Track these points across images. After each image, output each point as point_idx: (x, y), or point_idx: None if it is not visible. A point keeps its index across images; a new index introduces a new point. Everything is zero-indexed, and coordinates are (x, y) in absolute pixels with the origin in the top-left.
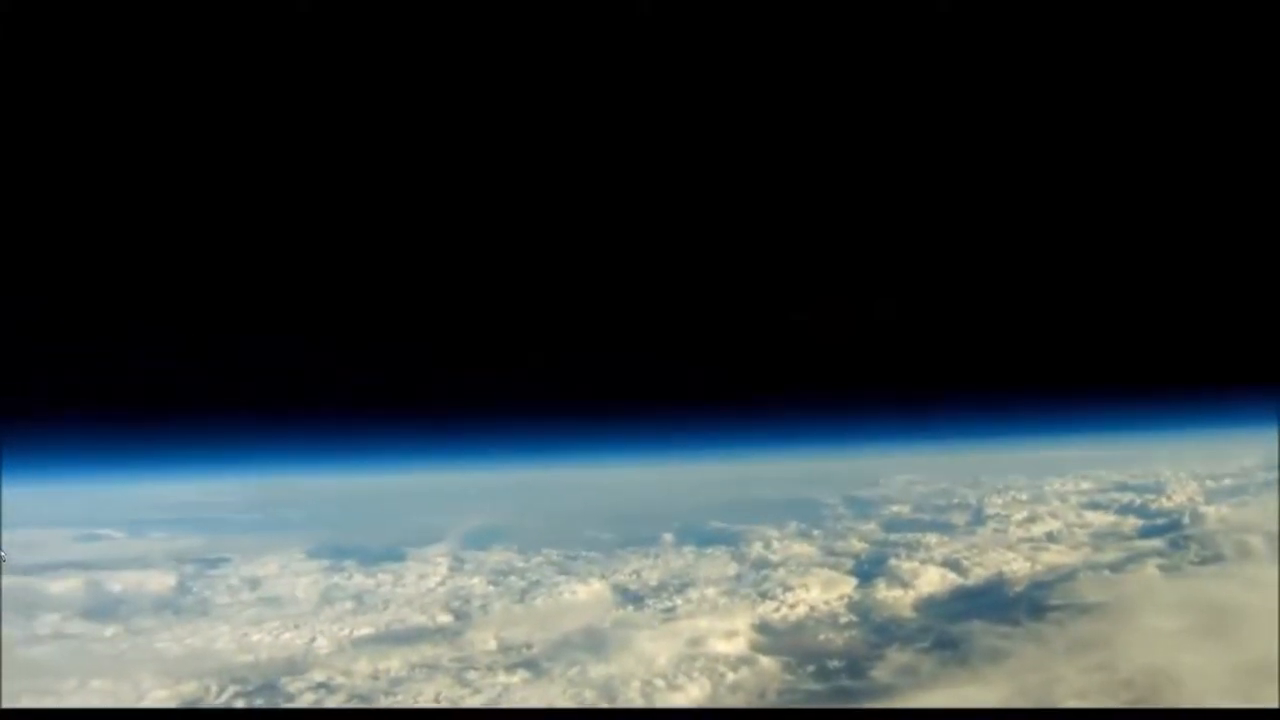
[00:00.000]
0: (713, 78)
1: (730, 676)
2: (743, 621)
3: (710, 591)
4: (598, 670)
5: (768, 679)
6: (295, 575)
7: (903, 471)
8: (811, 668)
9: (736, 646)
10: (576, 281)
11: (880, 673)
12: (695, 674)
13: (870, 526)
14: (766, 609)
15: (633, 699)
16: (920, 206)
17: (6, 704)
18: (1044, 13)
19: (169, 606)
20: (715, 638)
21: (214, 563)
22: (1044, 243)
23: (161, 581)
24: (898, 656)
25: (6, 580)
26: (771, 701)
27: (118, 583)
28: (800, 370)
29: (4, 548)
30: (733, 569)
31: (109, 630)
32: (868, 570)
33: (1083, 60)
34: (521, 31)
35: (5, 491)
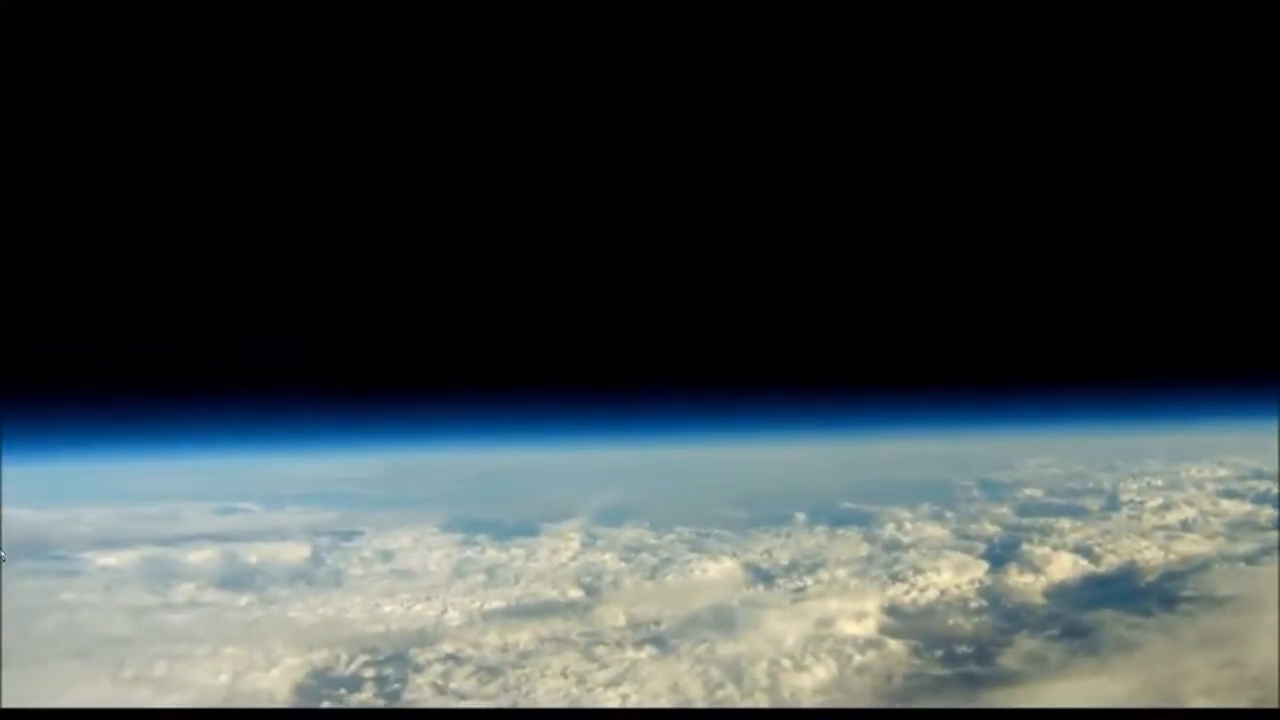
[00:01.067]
0: (712, 77)
1: (857, 659)
2: (872, 603)
3: (841, 572)
4: (725, 649)
5: (895, 663)
6: (428, 549)
7: (1037, 454)
8: (939, 653)
9: (865, 629)
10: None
11: (1008, 660)
12: (822, 655)
13: (1003, 510)
14: (897, 591)
15: (758, 679)
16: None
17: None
18: (1044, 12)
19: (303, 577)
20: (844, 619)
21: (348, 535)
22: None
23: (296, 553)
24: (1026, 644)
25: (146, 550)
26: (897, 687)
27: (253, 554)
28: (936, 350)
29: (148, 520)
30: (864, 550)
31: (243, 599)
32: (999, 554)
33: (1081, 57)
34: (521, 30)
35: (150, 466)
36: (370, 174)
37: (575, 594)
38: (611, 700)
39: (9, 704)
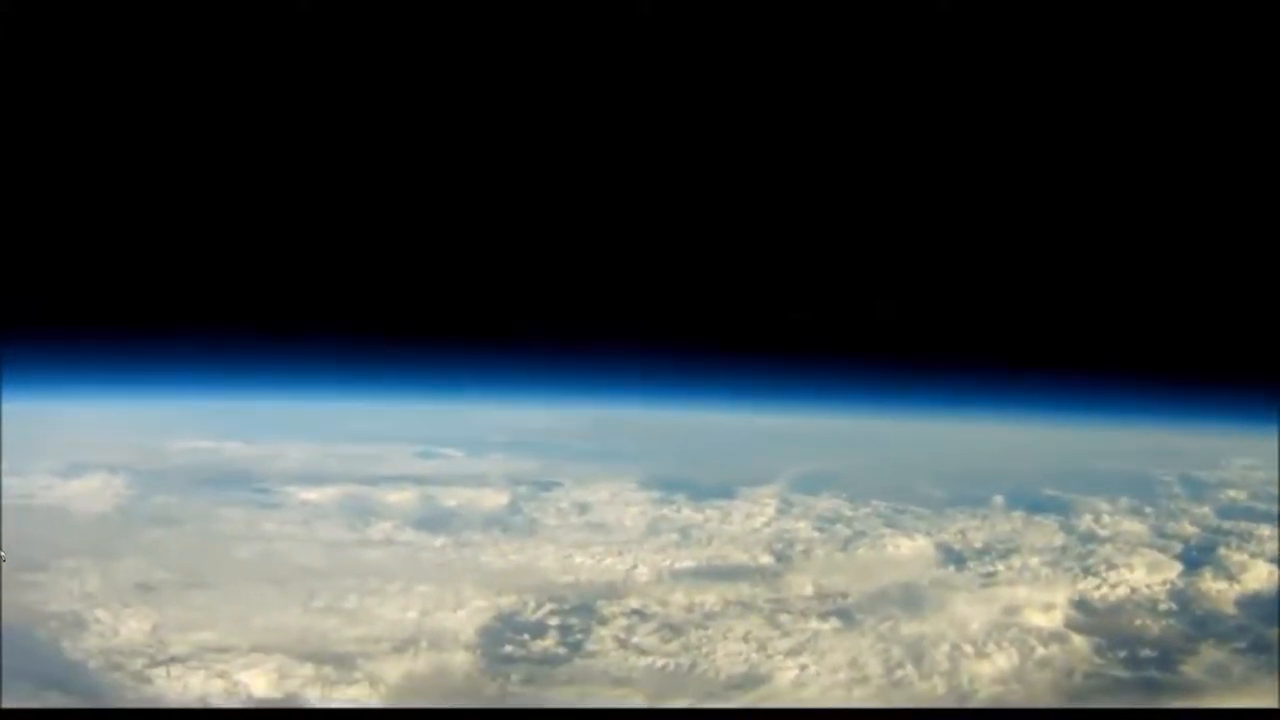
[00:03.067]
0: (711, 77)
1: (1040, 651)
2: (1061, 595)
3: (1034, 560)
4: (910, 628)
5: (1077, 659)
6: (625, 504)
7: (1245, 455)
8: (1123, 653)
9: (1051, 621)
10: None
11: (1191, 668)
12: (1005, 644)
13: (1204, 510)
14: (1087, 585)
15: (938, 662)
16: None
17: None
18: (1044, 13)
19: (498, 523)
20: (1031, 609)
21: (547, 485)
22: None
23: (494, 500)
24: (1212, 653)
25: (348, 488)
26: (1076, 685)
27: (452, 498)
28: (1153, 338)
29: (351, 459)
30: (1059, 539)
31: (438, 541)
32: (1195, 557)
33: (1088, 55)
34: (522, 29)
35: (358, 409)
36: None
37: (765, 560)
38: (789, 670)
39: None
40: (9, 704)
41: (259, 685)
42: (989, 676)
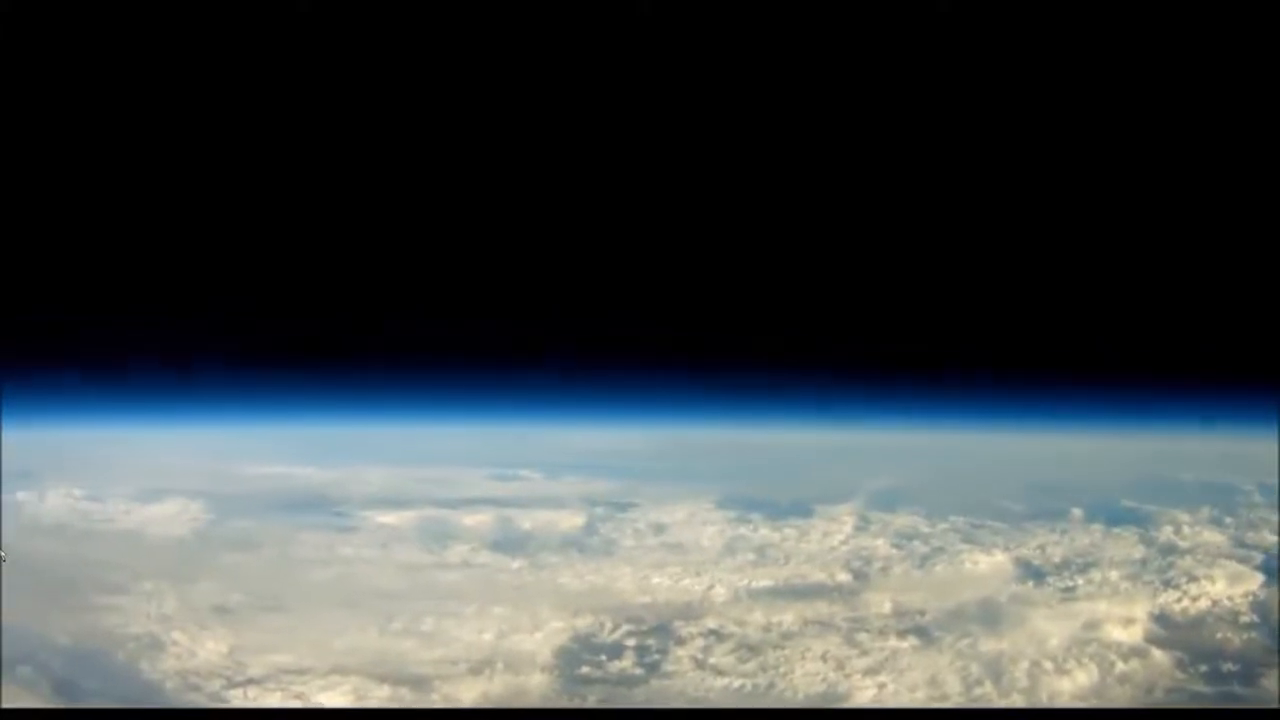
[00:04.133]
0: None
1: (1120, 667)
2: (1141, 609)
3: (1113, 574)
4: (988, 645)
5: (1158, 674)
6: (701, 524)
7: None
8: (1204, 668)
9: (1132, 635)
10: None
11: (1272, 683)
12: (1085, 660)
13: None
14: (1168, 598)
15: (1018, 679)
16: None
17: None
18: (1044, 12)
19: (575, 545)
20: (1112, 624)
21: (623, 507)
22: None
23: (571, 521)
24: None
25: (424, 510)
26: (1156, 701)
27: (528, 520)
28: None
29: (428, 483)
30: (1139, 552)
31: (515, 563)
32: (1276, 567)
33: (1088, 56)
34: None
35: (431, 431)
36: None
37: (843, 578)
38: (867, 689)
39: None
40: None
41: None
42: (1069, 693)
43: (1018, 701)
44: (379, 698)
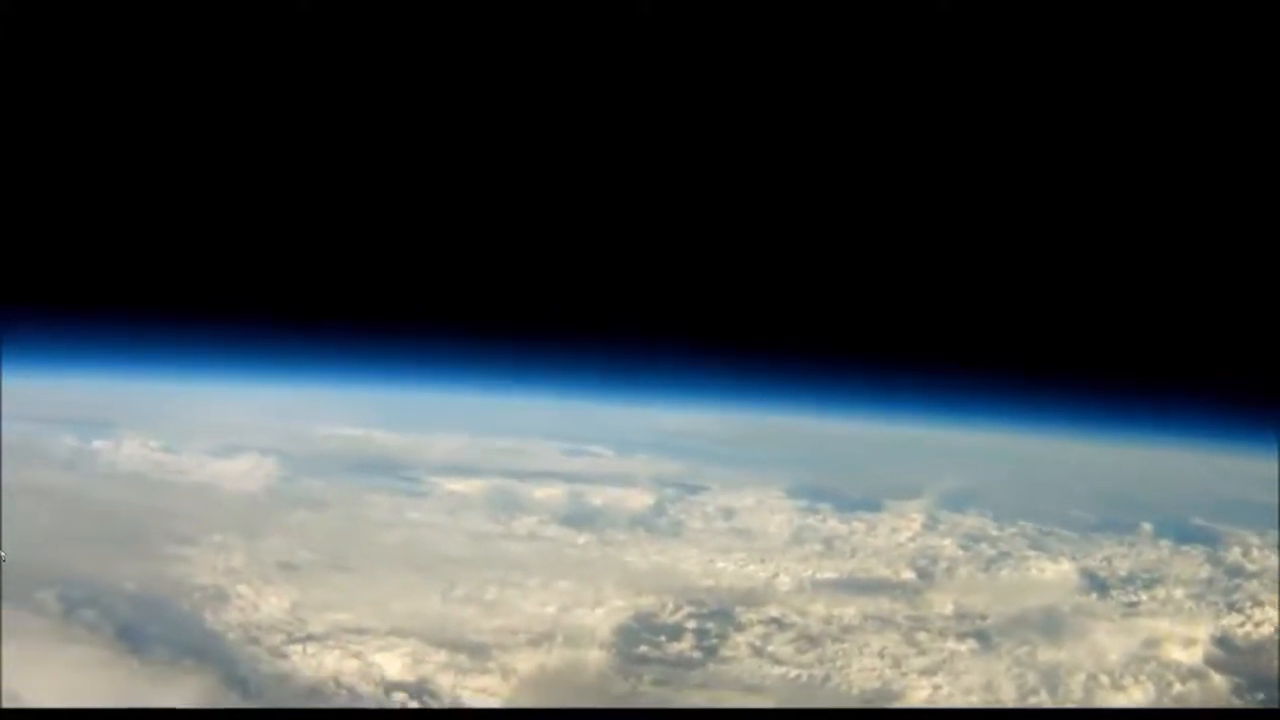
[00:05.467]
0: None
1: (1177, 688)
2: (1204, 631)
3: (1178, 593)
4: (1047, 654)
5: (1214, 698)
6: (770, 511)
7: None
8: (1260, 695)
9: (1192, 657)
10: None
11: None
12: (1142, 678)
13: None
14: (1231, 621)
15: (1073, 691)
16: None
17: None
18: (1043, 12)
19: (643, 524)
20: (1172, 643)
21: (694, 489)
22: None
23: (640, 500)
24: None
25: (496, 481)
26: None
27: (598, 496)
28: None
29: (500, 453)
30: (1206, 572)
31: (582, 538)
32: None
33: (1090, 58)
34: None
35: (506, 403)
36: None
37: (907, 576)
38: (922, 689)
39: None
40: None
41: (393, 668)
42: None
43: None
44: (436, 662)
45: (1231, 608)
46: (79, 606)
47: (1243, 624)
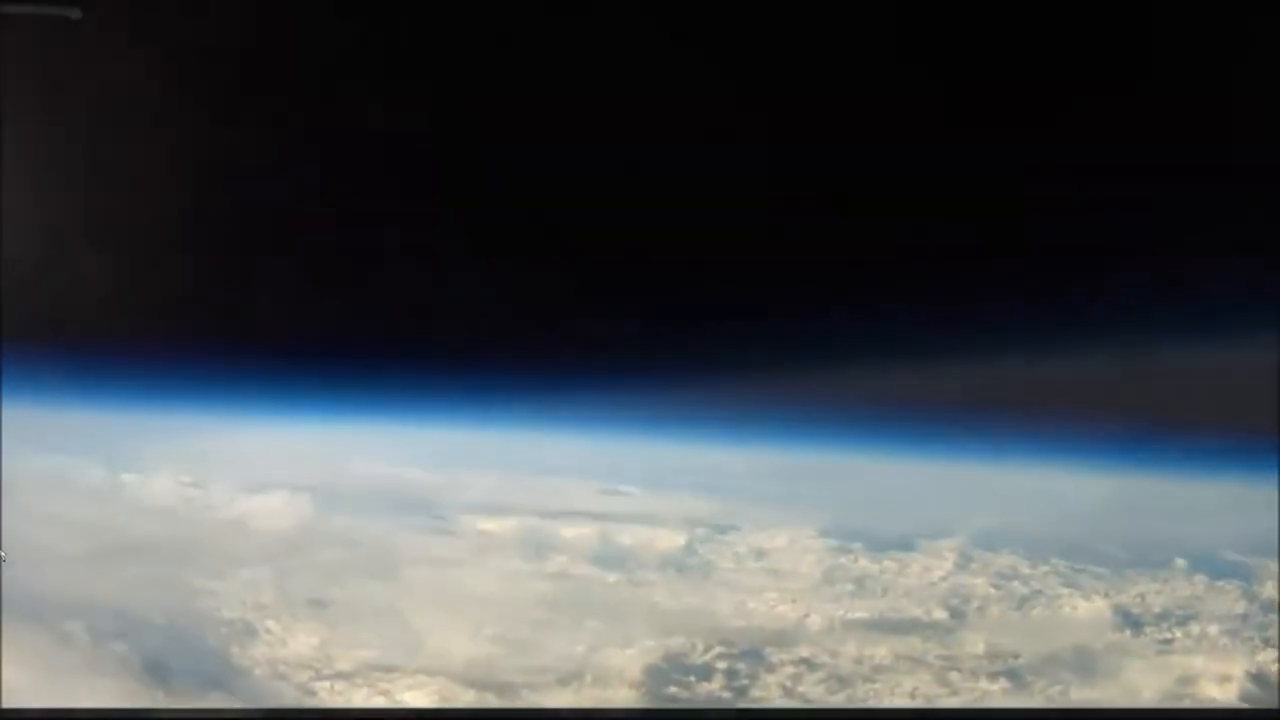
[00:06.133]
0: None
1: None
2: (1239, 668)
3: (1213, 629)
4: (1080, 693)
5: None
6: (802, 551)
7: None
8: None
9: (1226, 694)
10: None
11: None
12: None
13: None
14: (1266, 658)
15: None
16: None
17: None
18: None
19: (673, 564)
20: (1206, 680)
21: (724, 529)
22: None
23: (671, 540)
24: None
25: (527, 520)
26: None
27: (628, 536)
28: None
29: (531, 492)
30: (1241, 607)
31: (611, 577)
32: None
33: (1090, 59)
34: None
35: (539, 442)
36: None
37: (939, 615)
38: None
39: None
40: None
41: (420, 706)
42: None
43: None
44: (463, 701)
45: (1266, 644)
46: (108, 639)
47: (1277, 660)
